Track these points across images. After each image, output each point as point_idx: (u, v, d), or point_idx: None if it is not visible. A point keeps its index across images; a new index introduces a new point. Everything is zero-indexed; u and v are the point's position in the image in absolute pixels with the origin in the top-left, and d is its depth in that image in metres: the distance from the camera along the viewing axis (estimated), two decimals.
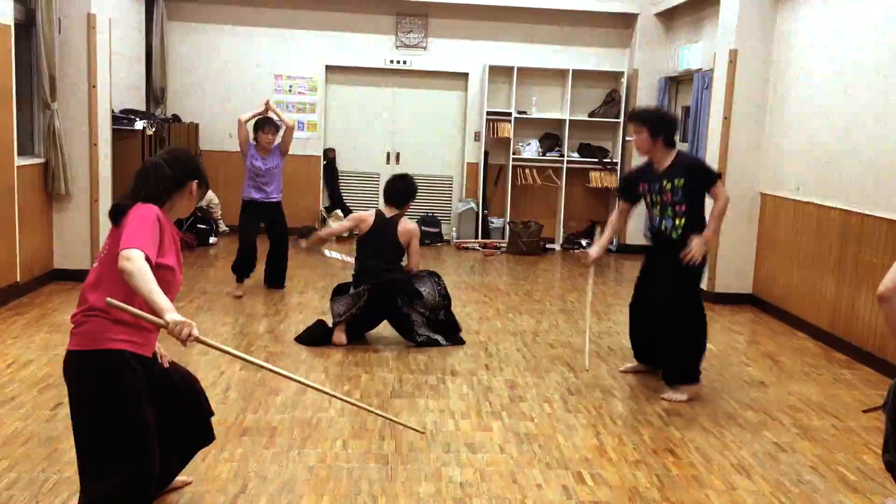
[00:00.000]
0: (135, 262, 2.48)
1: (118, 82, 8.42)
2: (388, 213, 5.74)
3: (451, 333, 5.78)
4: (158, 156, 2.86)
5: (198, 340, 2.56)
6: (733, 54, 7.17)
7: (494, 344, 5.77)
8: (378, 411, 3.57)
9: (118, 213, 2.71)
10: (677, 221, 4.68)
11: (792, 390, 5.01)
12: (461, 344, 5.72)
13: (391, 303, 5.58)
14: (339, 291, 5.77)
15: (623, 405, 4.61)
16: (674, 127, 4.77)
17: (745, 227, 7.34)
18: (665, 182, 4.69)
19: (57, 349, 5.11)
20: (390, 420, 3.53)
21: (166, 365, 3.02)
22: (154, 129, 8.14)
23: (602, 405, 4.60)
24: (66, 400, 2.76)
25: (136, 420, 2.67)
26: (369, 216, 5.76)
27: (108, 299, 2.55)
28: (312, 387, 3.10)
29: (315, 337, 5.57)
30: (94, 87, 6.94)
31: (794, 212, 6.72)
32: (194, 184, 2.85)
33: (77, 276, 6.85)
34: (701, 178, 4.66)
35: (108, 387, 2.62)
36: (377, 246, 5.68)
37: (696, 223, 4.67)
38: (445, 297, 5.77)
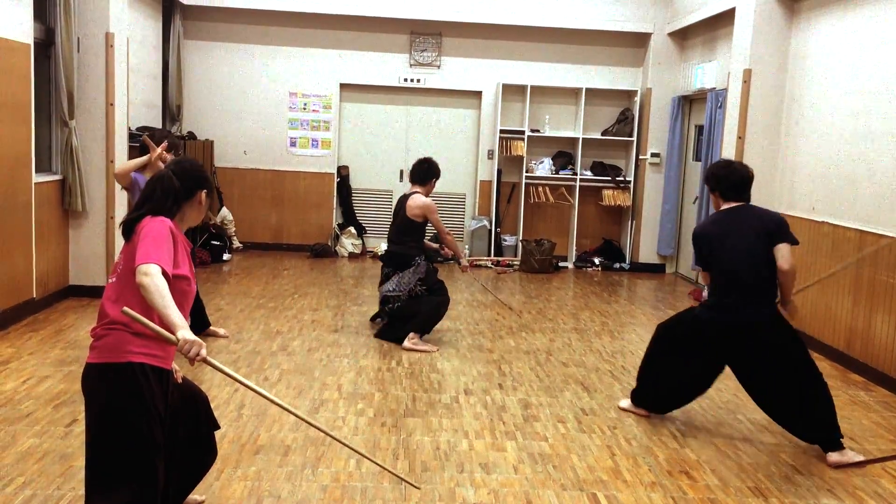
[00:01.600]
0: (152, 277, 2.51)
1: (134, 100, 8.51)
2: (410, 191, 6.26)
3: (397, 327, 6.10)
4: (166, 167, 2.89)
5: (205, 361, 2.58)
6: (747, 73, 7.17)
7: (508, 363, 5.76)
8: (375, 460, 3.30)
9: (130, 228, 2.74)
10: None
11: None
12: (395, 341, 6.06)
13: (385, 270, 6.24)
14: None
15: (637, 426, 4.58)
16: (725, 180, 4.36)
17: None
18: None
19: (72, 366, 5.14)
20: (385, 469, 3.39)
21: (179, 380, 3.03)
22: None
23: (616, 425, 4.57)
24: (81, 416, 2.77)
25: (147, 436, 2.68)
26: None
27: (125, 308, 2.56)
28: (314, 425, 3.05)
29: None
30: (111, 104, 7.00)
31: (809, 232, 6.68)
32: (203, 193, 2.90)
33: (93, 292, 6.90)
34: None
35: (125, 400, 2.63)
36: (395, 221, 6.27)
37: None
38: (412, 296, 6.08)
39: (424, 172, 6.24)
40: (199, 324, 5.90)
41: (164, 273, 2.59)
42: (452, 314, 7.20)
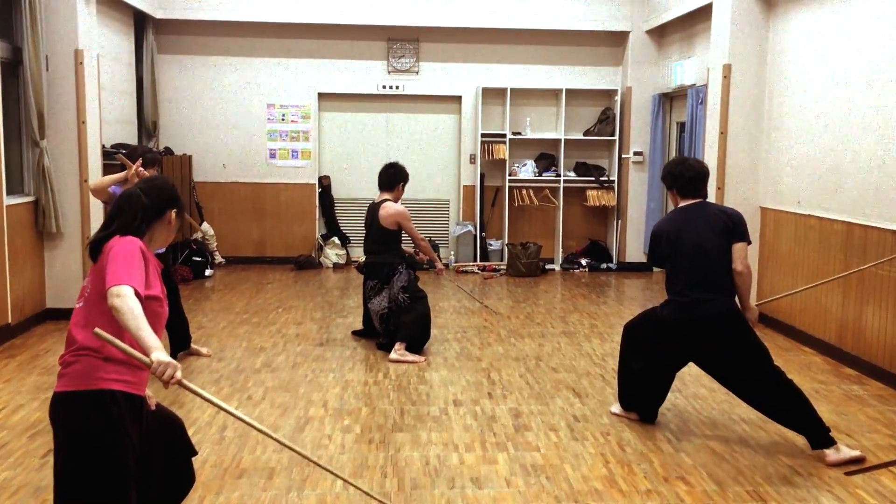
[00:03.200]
0: (125, 299, 2.42)
1: (108, 117, 8.37)
2: (378, 198, 6.19)
3: (387, 337, 6.05)
4: (136, 185, 2.81)
5: (180, 384, 2.46)
6: (727, 69, 7.11)
7: (497, 371, 5.66)
8: (358, 485, 3.26)
9: (97, 248, 2.64)
10: None
11: None
12: (382, 348, 6.07)
13: (367, 283, 6.19)
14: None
15: (631, 431, 4.49)
16: (682, 178, 4.35)
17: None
18: None
19: (48, 392, 4.94)
20: (368, 494, 3.28)
21: (153, 406, 2.91)
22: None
23: (610, 431, 4.47)
24: None
25: (121, 466, 2.57)
26: (368, 208, 6.33)
27: (96, 329, 2.45)
28: (297, 451, 2.96)
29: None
30: (83, 122, 6.86)
31: (795, 225, 6.63)
32: (173, 212, 2.81)
33: (71, 315, 6.72)
34: None
35: (97, 429, 2.53)
36: (368, 230, 6.24)
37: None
38: (399, 305, 5.98)
39: (392, 177, 6.17)
40: (182, 342, 5.76)
41: (137, 294, 2.49)
42: (439, 321, 7.10)
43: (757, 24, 7.08)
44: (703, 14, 8.36)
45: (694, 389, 5.19)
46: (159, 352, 2.40)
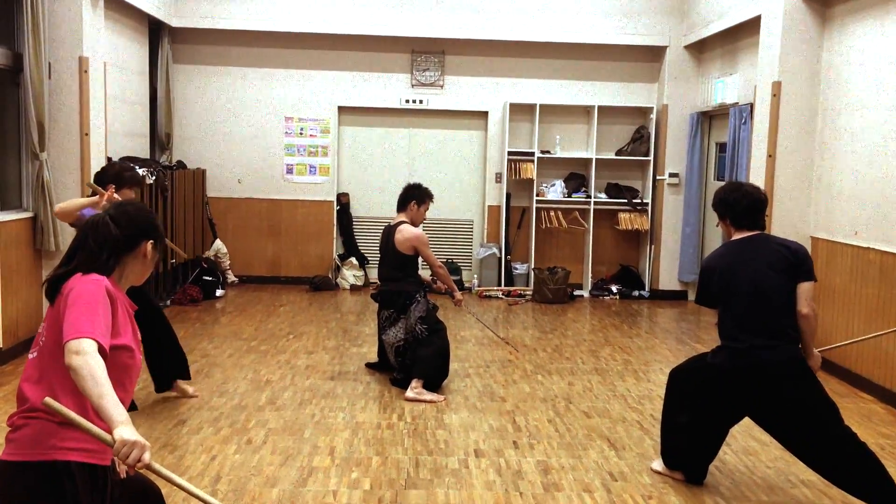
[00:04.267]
0: (85, 357, 2.02)
1: (119, 129, 8.00)
2: (394, 221, 5.78)
3: (402, 372, 5.61)
4: (104, 211, 2.38)
5: (148, 468, 2.03)
6: (777, 86, 6.58)
7: (523, 414, 5.14)
8: None
9: (55, 287, 2.24)
10: None
11: None
12: (397, 384, 5.62)
13: (381, 314, 5.76)
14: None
15: (676, 494, 3.95)
16: (737, 206, 3.84)
17: None
18: None
19: None
20: None
21: (122, 475, 2.44)
22: (155, 178, 7.65)
23: (652, 494, 3.94)
24: None
25: None
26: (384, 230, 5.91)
27: (46, 400, 2.05)
28: None
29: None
30: (86, 134, 6.47)
31: (851, 258, 6.06)
32: (149, 245, 2.37)
33: None
34: None
35: None
36: (383, 254, 5.81)
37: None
38: (416, 337, 5.56)
39: (403, 195, 5.80)
40: (178, 371, 5.27)
41: (101, 349, 2.06)
42: (460, 353, 6.60)
43: (810, 39, 6.55)
44: (749, 28, 7.85)
45: (744, 443, 4.64)
46: (124, 427, 1.98)
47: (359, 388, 5.60)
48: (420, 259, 5.75)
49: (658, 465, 4.21)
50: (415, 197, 5.74)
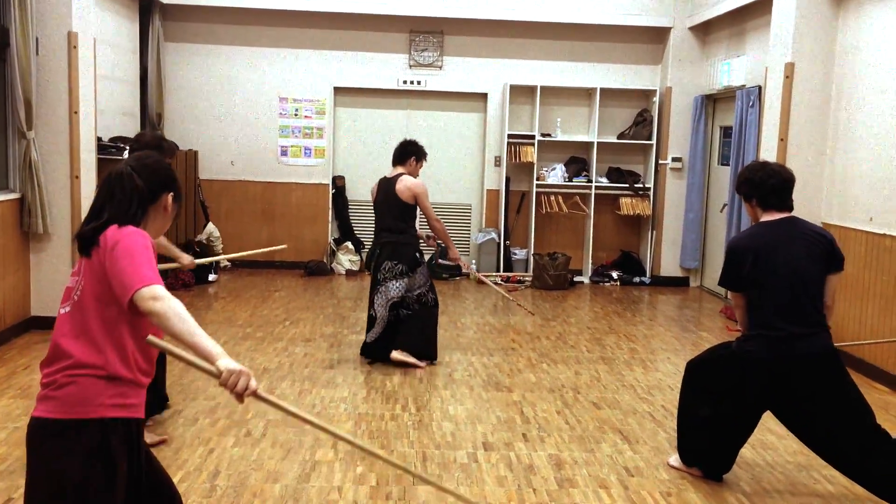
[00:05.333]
0: (163, 300, 2.02)
1: (109, 108, 7.75)
2: (391, 174, 5.79)
3: (388, 340, 5.62)
4: (125, 163, 2.32)
5: (256, 396, 2.09)
6: (790, 68, 6.39)
7: (530, 405, 4.96)
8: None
9: (91, 240, 2.17)
10: None
11: None
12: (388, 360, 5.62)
13: (382, 265, 5.65)
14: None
15: (696, 490, 3.79)
16: (764, 186, 3.64)
17: None
18: None
19: (19, 421, 4.35)
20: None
21: (242, 401, 2.32)
22: None
23: (671, 490, 3.78)
24: (21, 490, 2.05)
25: None
26: (376, 183, 5.88)
27: (150, 338, 2.06)
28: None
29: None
30: (75, 112, 6.22)
31: (866, 245, 5.90)
32: (169, 197, 2.34)
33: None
34: None
35: (88, 466, 2.07)
36: (383, 207, 5.75)
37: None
38: (421, 305, 5.67)
39: (403, 149, 5.85)
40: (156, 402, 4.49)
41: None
42: (462, 342, 6.43)
43: (825, 19, 6.36)
44: (758, 9, 7.67)
45: (761, 436, 4.47)
46: (226, 357, 2.04)
47: (360, 378, 5.42)
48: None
49: (675, 460, 4.05)
50: (415, 153, 5.82)
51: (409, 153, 5.81)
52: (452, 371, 5.63)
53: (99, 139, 7.09)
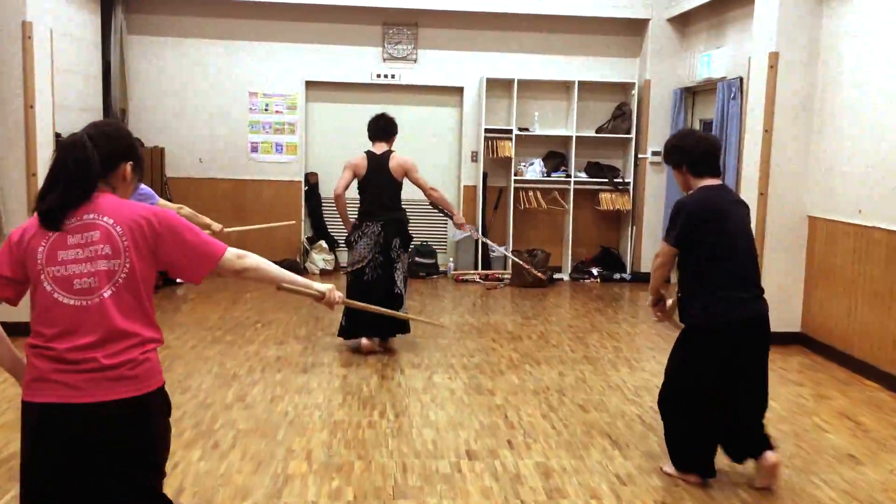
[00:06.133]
0: (250, 255, 2.37)
1: (70, 103, 7.41)
2: (379, 150, 5.86)
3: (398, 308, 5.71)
4: (82, 130, 2.23)
5: (345, 303, 2.82)
6: (774, 58, 6.23)
7: (514, 409, 4.75)
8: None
9: (62, 216, 2.14)
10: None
11: (894, 467, 4.01)
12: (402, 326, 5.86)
13: (392, 243, 5.73)
14: (349, 244, 5.90)
15: (692, 499, 3.59)
16: (695, 152, 3.67)
17: (790, 255, 6.37)
18: None
19: None
20: None
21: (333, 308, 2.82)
22: None
23: (666, 499, 3.57)
24: None
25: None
26: (361, 159, 5.86)
27: (283, 284, 2.45)
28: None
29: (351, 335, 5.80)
30: (31, 107, 5.90)
31: (854, 237, 5.76)
32: (128, 166, 2.29)
33: (16, 330, 5.74)
34: None
35: (165, 428, 2.29)
36: (377, 185, 5.78)
37: (684, 281, 3.70)
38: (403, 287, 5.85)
39: (387, 127, 5.91)
40: None
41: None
42: (441, 343, 6.21)
43: (809, 8, 6.20)
44: None
45: None
46: (320, 283, 2.58)
47: (335, 382, 5.17)
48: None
49: (669, 468, 3.85)
50: (395, 131, 5.95)
51: (392, 131, 5.91)
52: (432, 373, 5.40)
53: (58, 135, 6.76)
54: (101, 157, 2.17)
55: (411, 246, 6.08)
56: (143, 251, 2.15)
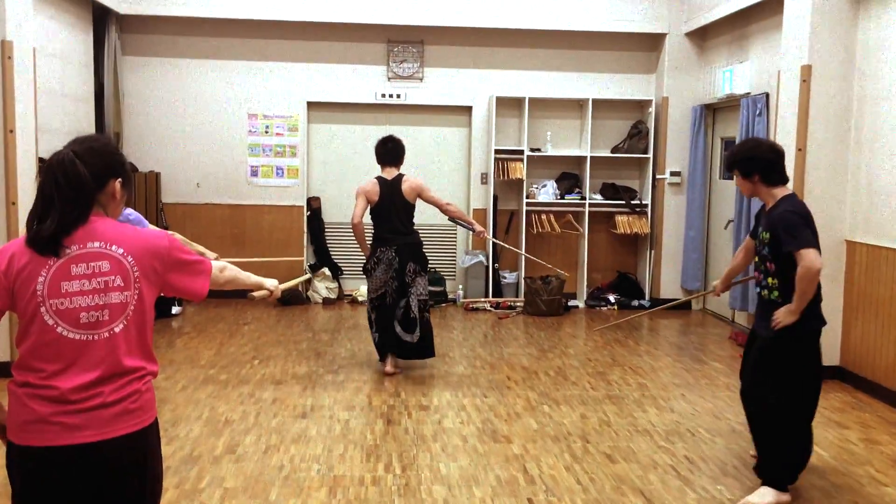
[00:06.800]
0: (228, 266, 2.46)
1: (57, 127, 7.04)
2: (389, 175, 5.89)
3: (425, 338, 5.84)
4: (68, 147, 2.12)
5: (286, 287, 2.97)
6: (806, 71, 5.81)
7: (534, 459, 4.28)
8: None
9: (57, 242, 2.02)
10: (770, 281, 3.83)
11: None
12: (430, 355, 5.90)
13: (406, 268, 5.75)
14: (367, 272, 5.88)
15: None
16: (768, 161, 3.82)
17: (827, 282, 5.86)
18: (761, 229, 3.88)
19: None
20: None
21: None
22: None
23: None
24: None
25: None
26: (373, 185, 5.85)
27: (252, 294, 2.72)
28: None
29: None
30: (10, 132, 5.51)
31: None
32: (117, 183, 2.18)
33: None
34: (778, 239, 3.71)
35: (161, 457, 2.27)
36: (391, 211, 5.80)
37: (789, 290, 3.69)
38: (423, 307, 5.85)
39: (396, 152, 5.95)
40: None
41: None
42: (452, 380, 5.77)
43: (843, 16, 5.78)
44: (761, 10, 7.14)
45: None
46: (268, 280, 2.74)
47: (336, 429, 4.71)
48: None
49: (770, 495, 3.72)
50: (404, 154, 5.99)
51: (403, 153, 5.97)
52: (442, 417, 4.95)
53: (41, 160, 6.38)
54: (90, 174, 2.07)
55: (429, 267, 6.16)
56: (153, 280, 2.12)
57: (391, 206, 5.76)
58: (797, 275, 3.59)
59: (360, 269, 8.80)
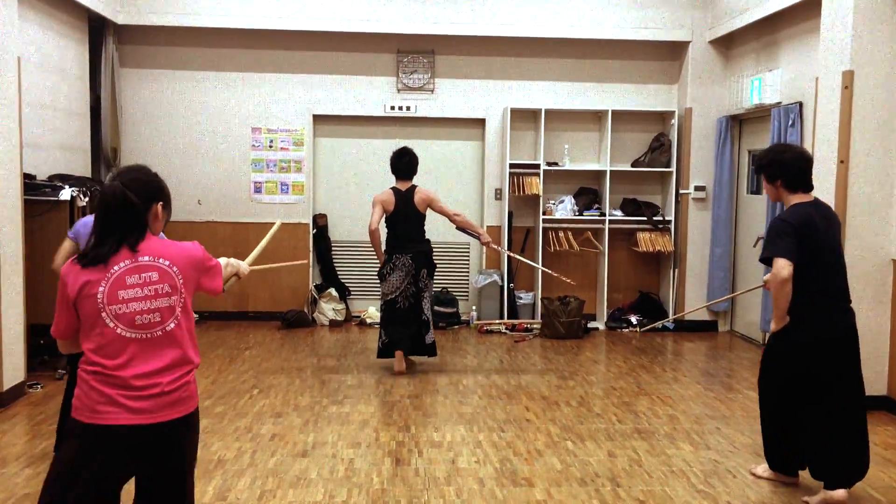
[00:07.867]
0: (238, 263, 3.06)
1: (49, 142, 6.71)
2: (403, 186, 6.29)
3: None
4: (112, 179, 2.52)
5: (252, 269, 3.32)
6: (848, 77, 5.38)
7: None
8: None
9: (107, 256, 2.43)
10: None
11: None
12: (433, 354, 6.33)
13: (420, 273, 6.21)
14: (382, 277, 6.30)
15: None
16: (795, 168, 3.91)
17: (873, 305, 5.45)
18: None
19: None
20: None
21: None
22: (88, 198, 6.31)
23: None
24: None
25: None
26: (389, 195, 6.25)
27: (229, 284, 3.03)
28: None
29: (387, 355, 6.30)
30: None
31: None
32: (159, 206, 2.56)
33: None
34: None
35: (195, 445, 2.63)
36: (406, 220, 6.23)
37: (797, 296, 3.80)
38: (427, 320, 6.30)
39: (410, 166, 6.29)
40: None
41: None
42: (466, 412, 5.33)
43: (886, 17, 5.36)
44: (792, 15, 6.75)
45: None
46: (242, 265, 3.12)
47: (339, 470, 4.28)
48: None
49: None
50: (417, 167, 6.35)
51: (417, 166, 6.33)
52: (456, 455, 4.51)
53: (32, 177, 6.04)
54: (140, 202, 2.46)
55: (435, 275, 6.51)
56: (192, 284, 2.51)
57: (406, 216, 6.20)
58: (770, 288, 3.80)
59: (369, 289, 8.44)
